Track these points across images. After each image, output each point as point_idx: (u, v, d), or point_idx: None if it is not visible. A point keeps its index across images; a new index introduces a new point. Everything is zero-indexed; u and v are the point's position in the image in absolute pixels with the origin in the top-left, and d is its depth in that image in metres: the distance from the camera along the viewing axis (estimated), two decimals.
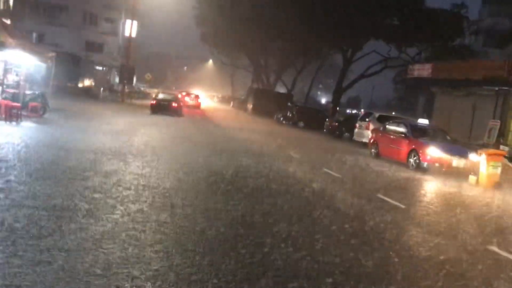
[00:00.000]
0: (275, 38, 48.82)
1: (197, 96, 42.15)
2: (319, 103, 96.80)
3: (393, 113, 28.69)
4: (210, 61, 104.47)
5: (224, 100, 72.29)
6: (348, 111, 73.34)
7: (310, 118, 34.63)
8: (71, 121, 15.90)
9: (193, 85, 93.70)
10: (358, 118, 23.19)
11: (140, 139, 13.26)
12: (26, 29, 51.94)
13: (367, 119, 21.93)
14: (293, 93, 54.14)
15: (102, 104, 28.75)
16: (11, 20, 45.77)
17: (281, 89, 62.34)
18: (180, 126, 20.50)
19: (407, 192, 10.46)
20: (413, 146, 13.96)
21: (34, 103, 14.92)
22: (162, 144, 13.02)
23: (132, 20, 38.42)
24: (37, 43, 50.19)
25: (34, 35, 52.94)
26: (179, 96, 34.94)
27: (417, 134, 14.87)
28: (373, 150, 16.47)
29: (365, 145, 21.62)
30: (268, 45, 54.93)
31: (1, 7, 51.23)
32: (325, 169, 11.71)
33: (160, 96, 28.69)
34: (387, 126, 16.43)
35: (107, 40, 54.87)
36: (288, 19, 40.75)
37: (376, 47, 38.66)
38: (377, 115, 21.55)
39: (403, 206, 8.25)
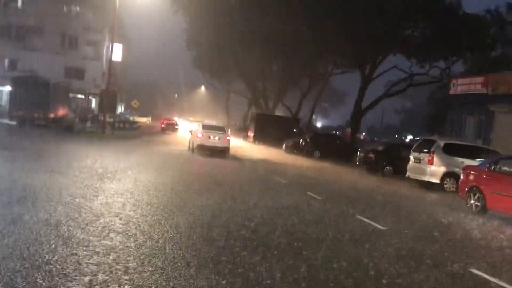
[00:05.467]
0: (276, 57, 43.70)
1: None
2: (315, 127, 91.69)
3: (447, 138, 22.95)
4: (203, 87, 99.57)
5: None
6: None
7: (328, 146, 29.02)
8: None
9: (185, 112, 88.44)
10: (412, 148, 17.43)
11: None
12: None
13: (425, 150, 16.20)
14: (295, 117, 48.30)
15: (72, 139, 22.81)
16: None
17: (280, 114, 56.92)
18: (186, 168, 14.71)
19: None
20: None
21: None
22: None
23: (112, 41, 32.91)
24: (8, 70, 44.84)
25: (6, 61, 47.53)
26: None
27: None
28: (473, 201, 10.62)
29: (425, 185, 15.92)
30: (267, 66, 49.88)
31: None
32: (473, 270, 5.81)
33: (165, 119, 46.84)
34: (501, 165, 10.55)
35: (89, 65, 49.32)
36: (291, 36, 35.61)
37: (398, 62, 33.47)
38: (442, 143, 15.81)
39: None
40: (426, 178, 15.75)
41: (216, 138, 20.22)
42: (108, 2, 39.49)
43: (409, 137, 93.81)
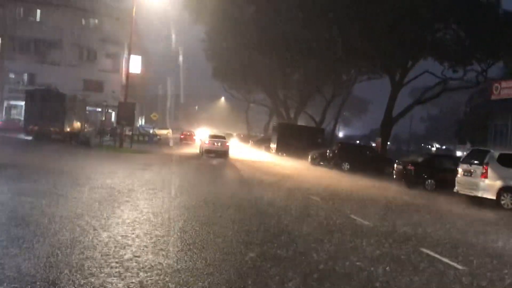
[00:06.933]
0: (298, 65, 42.13)
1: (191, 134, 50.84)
2: (337, 137, 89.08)
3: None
4: (222, 98, 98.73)
5: (240, 138, 64.99)
6: (373, 144, 65.41)
7: (357, 158, 27.17)
8: None
9: (206, 124, 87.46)
10: (461, 159, 15.56)
11: None
12: (17, 69, 46.37)
13: (476, 162, 14.30)
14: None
15: (87, 154, 21.55)
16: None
17: (302, 123, 55.20)
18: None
19: None
20: None
21: None
22: None
23: (129, 53, 31.82)
24: (27, 85, 44.32)
25: (25, 75, 47.15)
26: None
27: None
28: None
29: (478, 201, 14.04)
30: (288, 74, 48.35)
31: None
32: None
33: (184, 132, 51.10)
34: None
35: (108, 78, 48.61)
36: (314, 41, 34.00)
37: (429, 67, 31.42)
38: (496, 153, 13.90)
39: None
40: (479, 194, 13.85)
41: (219, 144, 27.05)
42: (127, 14, 38.69)
43: (436, 145, 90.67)
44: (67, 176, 12.33)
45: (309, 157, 30.77)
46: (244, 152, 37.21)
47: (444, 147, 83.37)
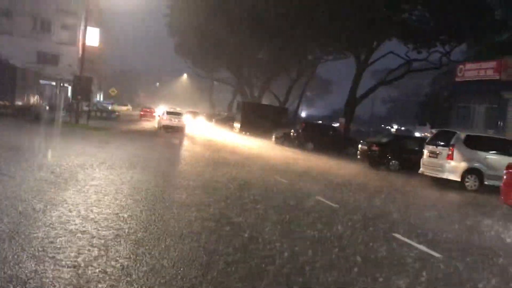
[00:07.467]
0: (264, 42, 41.32)
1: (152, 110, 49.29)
2: (299, 117, 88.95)
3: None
4: (185, 75, 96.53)
5: (204, 117, 63.89)
6: (336, 124, 65.70)
7: (322, 138, 26.99)
8: None
9: (167, 101, 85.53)
10: (427, 141, 15.42)
11: None
12: None
13: (442, 143, 14.18)
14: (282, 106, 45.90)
15: (38, 130, 20.18)
16: None
17: (266, 103, 54.70)
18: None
19: None
20: None
21: None
22: None
23: (86, 23, 29.98)
24: None
25: None
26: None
27: None
28: None
29: (442, 183, 13.99)
30: (254, 52, 47.44)
31: None
32: None
33: (144, 108, 49.13)
34: None
35: (64, 50, 46.12)
36: (280, 19, 33.28)
37: (393, 48, 31.42)
38: (463, 135, 13.79)
39: None
40: (445, 176, 13.74)
41: (176, 120, 28.28)
42: None
43: (395, 126, 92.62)
44: (13, 154, 11.28)
45: (273, 136, 30.38)
46: (207, 130, 36.42)
47: (403, 128, 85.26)
